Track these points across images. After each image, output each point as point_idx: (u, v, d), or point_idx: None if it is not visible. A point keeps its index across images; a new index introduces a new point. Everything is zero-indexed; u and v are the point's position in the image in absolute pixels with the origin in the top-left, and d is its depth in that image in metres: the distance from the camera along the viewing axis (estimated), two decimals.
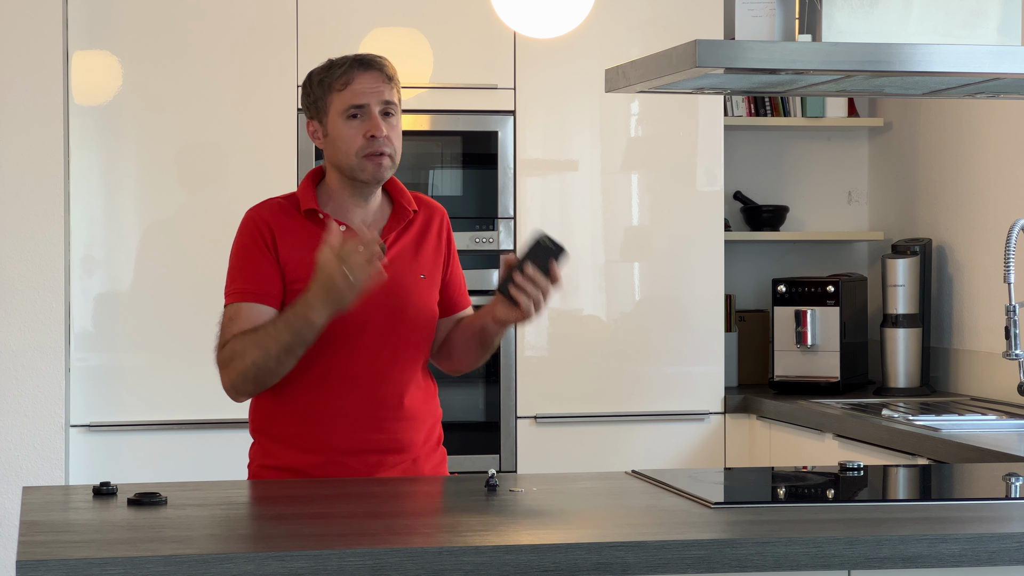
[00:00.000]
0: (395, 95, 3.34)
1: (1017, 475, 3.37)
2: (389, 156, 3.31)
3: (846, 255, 5.97)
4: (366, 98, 3.30)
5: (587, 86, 5.24)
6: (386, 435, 3.31)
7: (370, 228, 3.32)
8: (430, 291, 3.37)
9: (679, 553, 2.49)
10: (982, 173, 5.26)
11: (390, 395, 3.31)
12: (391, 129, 3.32)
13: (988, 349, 5.16)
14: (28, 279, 4.89)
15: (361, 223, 3.31)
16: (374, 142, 3.29)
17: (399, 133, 3.35)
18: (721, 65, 3.24)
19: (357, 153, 3.30)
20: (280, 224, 3.32)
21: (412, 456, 3.35)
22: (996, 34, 3.42)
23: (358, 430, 3.29)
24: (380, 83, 3.32)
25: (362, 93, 3.30)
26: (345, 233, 3.24)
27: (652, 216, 5.37)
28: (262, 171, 5.07)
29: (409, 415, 3.33)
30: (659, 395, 5.34)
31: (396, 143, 3.33)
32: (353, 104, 3.30)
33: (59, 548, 2.47)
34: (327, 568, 2.39)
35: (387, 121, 3.32)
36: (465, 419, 5.23)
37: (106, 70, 5.03)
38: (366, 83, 3.31)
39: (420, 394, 3.37)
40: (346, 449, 3.29)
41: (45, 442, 4.88)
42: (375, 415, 3.30)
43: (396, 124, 3.34)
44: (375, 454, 3.30)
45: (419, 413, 3.36)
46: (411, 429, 3.34)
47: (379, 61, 3.35)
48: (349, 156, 3.30)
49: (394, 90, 3.34)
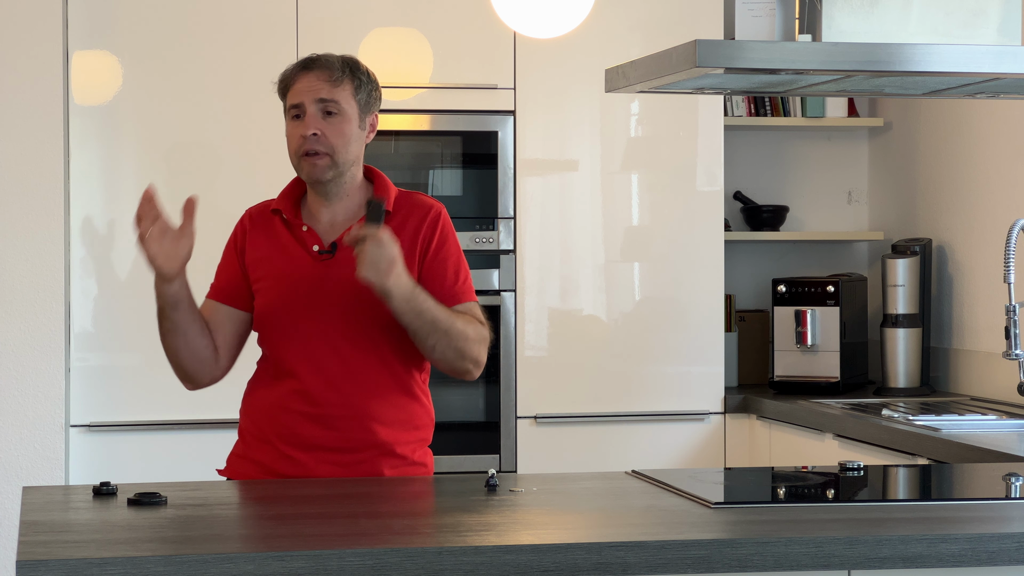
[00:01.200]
0: (339, 93, 3.33)
1: (1017, 475, 3.37)
2: (327, 155, 3.31)
3: (846, 255, 5.97)
4: (301, 97, 3.34)
5: (587, 86, 5.24)
6: (335, 432, 3.30)
7: (335, 228, 3.37)
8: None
9: (679, 553, 2.49)
10: (982, 173, 5.26)
11: (334, 391, 3.30)
12: (329, 128, 3.31)
13: (988, 349, 5.16)
14: (28, 279, 4.89)
15: (328, 223, 3.37)
16: (304, 141, 3.31)
17: (343, 131, 3.32)
18: (721, 65, 3.24)
19: (296, 153, 3.35)
20: (254, 224, 3.43)
21: (367, 457, 3.31)
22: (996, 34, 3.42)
23: (304, 426, 3.31)
24: (319, 82, 3.33)
25: (298, 92, 3.35)
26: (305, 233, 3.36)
27: (652, 216, 5.37)
28: (262, 171, 5.07)
29: (362, 414, 3.30)
30: (659, 395, 5.34)
31: (335, 141, 3.31)
32: (292, 104, 3.36)
33: (59, 548, 2.47)
34: (327, 568, 2.39)
35: (327, 120, 3.32)
36: (465, 419, 5.23)
37: (106, 70, 5.03)
38: (304, 83, 3.35)
39: (386, 395, 3.32)
40: (295, 444, 3.31)
41: (45, 442, 4.88)
42: (321, 412, 3.30)
43: (339, 123, 3.33)
44: (324, 451, 3.30)
45: (378, 415, 3.31)
46: (364, 429, 3.31)
47: (325, 60, 3.36)
48: (291, 156, 3.38)
49: (340, 88, 3.33)
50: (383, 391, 3.33)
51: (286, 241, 3.37)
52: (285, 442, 3.31)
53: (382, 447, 3.32)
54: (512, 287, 5.23)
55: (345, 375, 3.29)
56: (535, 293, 5.26)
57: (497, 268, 5.21)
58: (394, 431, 3.33)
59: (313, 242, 3.35)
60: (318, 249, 3.34)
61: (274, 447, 3.32)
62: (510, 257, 5.23)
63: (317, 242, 3.35)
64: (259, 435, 3.36)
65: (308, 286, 3.32)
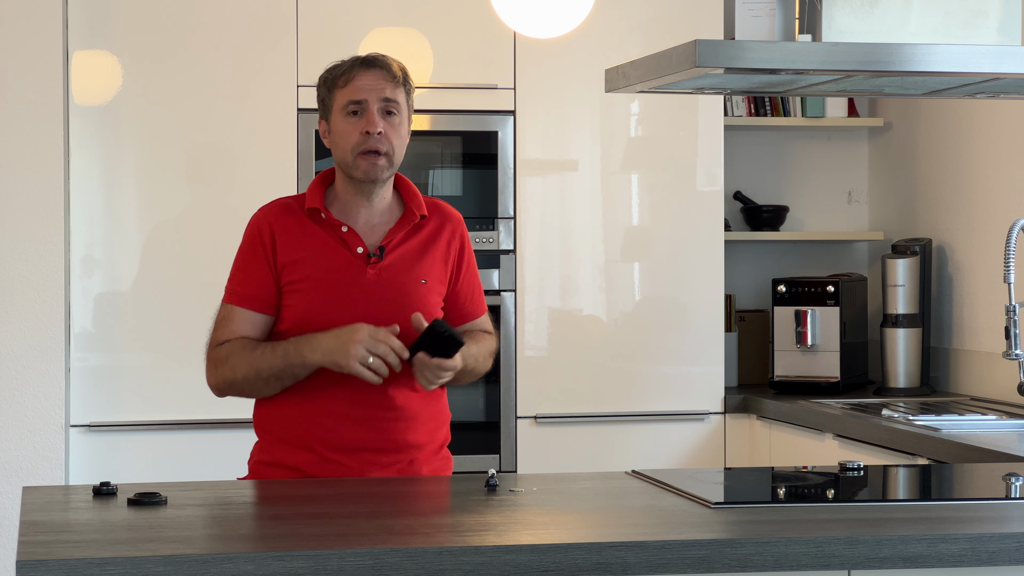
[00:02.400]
0: (399, 94, 3.34)
1: (1017, 475, 3.37)
2: (386, 155, 3.32)
3: (846, 255, 5.97)
4: (364, 94, 3.31)
5: (587, 86, 5.24)
6: (379, 435, 3.31)
7: (373, 229, 3.35)
8: (428, 296, 3.36)
9: (679, 553, 2.49)
10: (982, 173, 5.26)
11: (382, 394, 3.31)
12: (391, 128, 3.32)
13: (988, 349, 5.16)
14: (28, 279, 4.89)
15: (365, 224, 3.35)
16: (368, 139, 3.29)
17: (400, 133, 3.34)
18: (721, 65, 3.24)
19: (353, 150, 3.31)
20: (282, 225, 3.35)
21: (409, 457, 3.35)
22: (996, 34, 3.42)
23: (349, 429, 3.30)
24: (382, 81, 3.32)
25: (361, 89, 3.32)
26: (347, 234, 3.30)
27: (652, 216, 5.37)
28: (262, 171, 5.07)
29: (405, 415, 3.33)
30: (659, 395, 5.34)
31: (395, 142, 3.33)
32: (352, 100, 3.32)
33: (59, 548, 2.47)
34: (327, 568, 2.39)
35: (387, 120, 3.32)
36: (465, 419, 5.23)
37: (106, 70, 5.03)
38: (367, 80, 3.32)
39: (420, 395, 3.36)
40: (338, 447, 3.30)
41: (45, 442, 4.88)
42: (367, 414, 3.31)
43: (398, 124, 3.34)
44: (369, 452, 3.31)
45: (417, 414, 3.35)
46: (407, 430, 3.34)
47: (384, 60, 3.36)
48: (346, 153, 3.32)
49: (399, 90, 3.34)
50: (420, 392, 3.36)
51: (324, 241, 3.33)
52: (327, 446, 3.30)
53: (420, 446, 3.35)
54: (512, 287, 5.23)
55: (392, 375, 3.28)
56: (535, 293, 5.26)
57: (497, 268, 5.22)
58: (428, 429, 3.38)
59: (356, 244, 3.33)
60: (366, 252, 3.32)
61: (315, 452, 3.30)
62: (510, 257, 5.23)
63: (361, 244, 3.33)
64: (296, 441, 3.32)
65: (358, 288, 3.31)
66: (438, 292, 3.39)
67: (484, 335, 3.48)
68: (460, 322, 3.44)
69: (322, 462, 3.30)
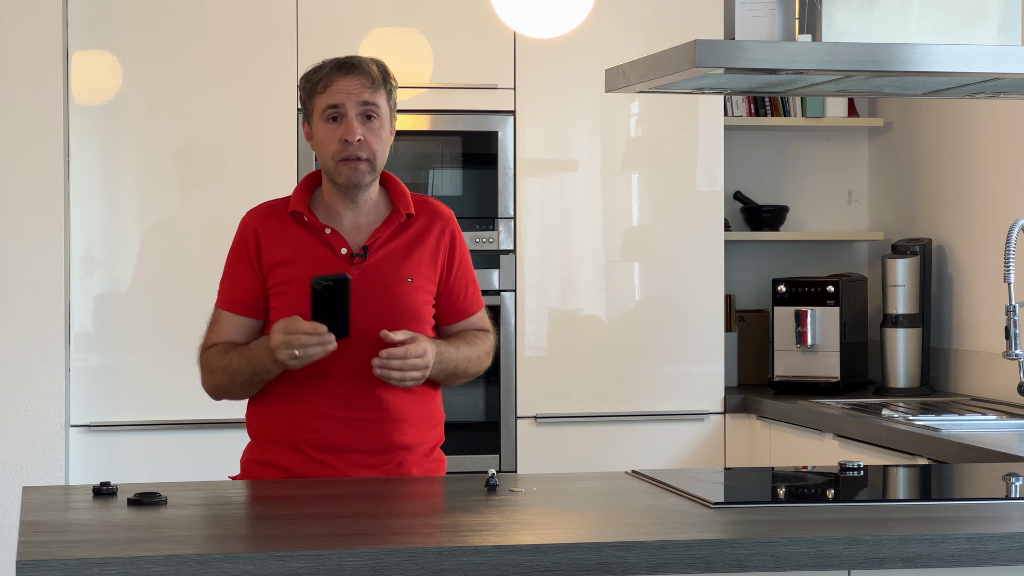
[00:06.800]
0: (379, 97, 3.32)
1: (1017, 475, 3.37)
2: (367, 160, 3.31)
3: (846, 255, 5.97)
4: (342, 99, 3.30)
5: (587, 86, 5.24)
6: (366, 436, 3.31)
7: (359, 230, 3.36)
8: (415, 294, 3.36)
9: (679, 553, 2.49)
10: (982, 173, 5.26)
11: (370, 395, 3.31)
12: (370, 133, 3.31)
13: (988, 349, 5.16)
14: (28, 279, 4.89)
15: (351, 225, 3.36)
16: (347, 146, 3.30)
17: (381, 136, 3.33)
18: (721, 65, 3.24)
19: (333, 156, 3.32)
20: (267, 228, 3.37)
21: (398, 459, 3.34)
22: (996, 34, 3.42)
23: (335, 430, 3.31)
24: (360, 86, 3.31)
25: (338, 94, 3.31)
26: (330, 236, 3.34)
27: (652, 216, 5.37)
28: (262, 171, 5.07)
29: (393, 417, 3.33)
30: (659, 395, 5.34)
31: (376, 147, 3.32)
32: (330, 105, 3.31)
33: (59, 548, 2.47)
34: (327, 568, 2.39)
35: (367, 125, 3.31)
36: (465, 419, 5.23)
37: (106, 70, 5.03)
38: (344, 84, 3.31)
39: (410, 397, 3.35)
40: (325, 448, 3.31)
41: (45, 442, 4.88)
42: (354, 416, 3.31)
43: (378, 128, 3.32)
44: (356, 454, 3.31)
45: (407, 416, 3.35)
46: (395, 431, 3.33)
47: (363, 64, 3.34)
48: (327, 159, 3.35)
49: (378, 93, 3.32)
50: (410, 394, 3.35)
51: (308, 244, 3.34)
52: (314, 447, 3.31)
53: (409, 448, 3.35)
54: (512, 287, 5.23)
55: (372, 377, 3.27)
56: (535, 293, 5.26)
57: (497, 268, 5.22)
58: (418, 431, 3.37)
59: (340, 245, 3.34)
60: (349, 253, 3.33)
61: (302, 452, 3.31)
62: (510, 257, 5.23)
63: (344, 245, 3.34)
64: (284, 441, 3.33)
65: None
66: (426, 290, 3.38)
67: (479, 334, 3.47)
68: (456, 319, 3.44)
69: (309, 462, 3.31)
